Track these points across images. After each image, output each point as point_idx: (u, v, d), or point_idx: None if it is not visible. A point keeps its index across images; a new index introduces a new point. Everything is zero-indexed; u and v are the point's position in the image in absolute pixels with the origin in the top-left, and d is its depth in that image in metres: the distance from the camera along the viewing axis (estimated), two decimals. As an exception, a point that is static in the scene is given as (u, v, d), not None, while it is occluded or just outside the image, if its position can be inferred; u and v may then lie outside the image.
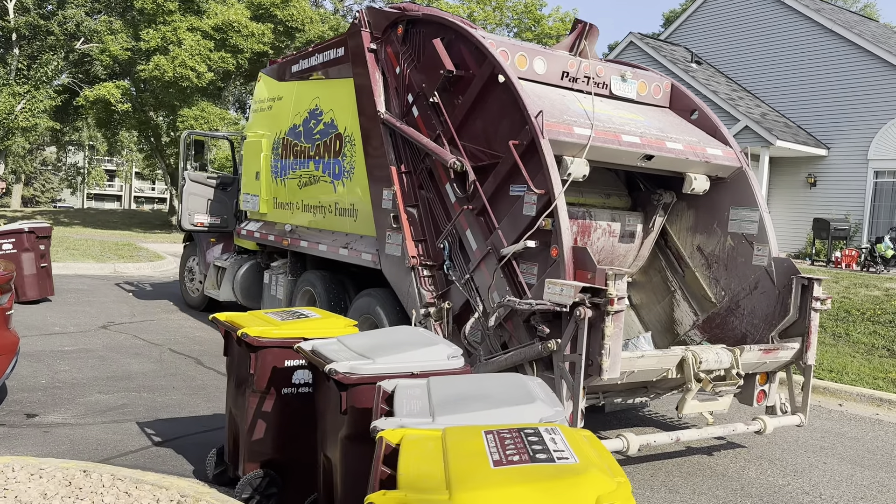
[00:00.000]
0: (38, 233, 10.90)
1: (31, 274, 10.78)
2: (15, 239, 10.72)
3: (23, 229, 10.80)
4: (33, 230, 10.84)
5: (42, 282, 10.99)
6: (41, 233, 11.02)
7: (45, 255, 11.07)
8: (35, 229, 10.93)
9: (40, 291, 10.96)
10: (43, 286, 11.03)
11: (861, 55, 18.42)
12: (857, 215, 18.37)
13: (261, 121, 9.67)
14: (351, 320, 4.50)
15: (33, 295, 10.82)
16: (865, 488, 5.39)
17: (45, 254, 11.08)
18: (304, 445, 4.18)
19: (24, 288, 10.62)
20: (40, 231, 11.04)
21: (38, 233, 10.90)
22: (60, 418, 5.72)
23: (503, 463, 2.08)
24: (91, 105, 25.43)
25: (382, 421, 2.61)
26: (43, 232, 11.10)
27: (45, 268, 11.06)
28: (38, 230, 11.00)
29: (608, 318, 4.53)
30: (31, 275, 10.77)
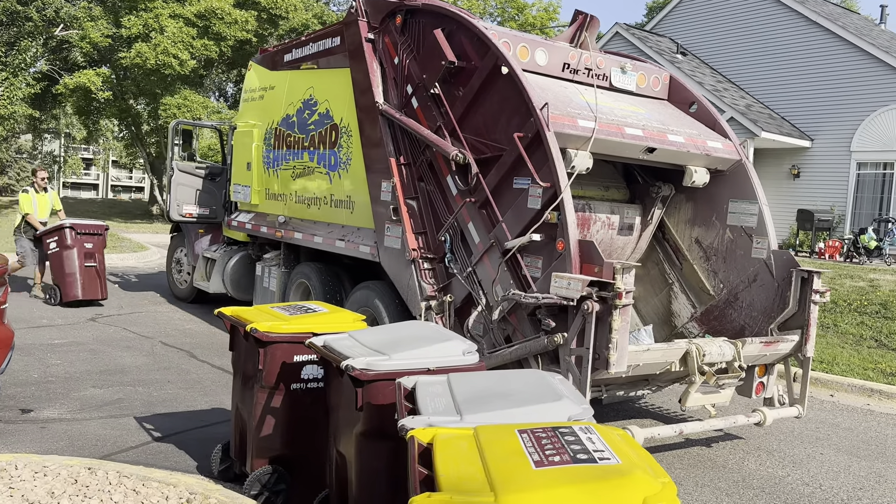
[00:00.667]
0: (78, 229, 10.22)
1: (72, 273, 10.08)
2: (58, 237, 10.13)
3: (63, 225, 10.18)
4: (74, 227, 10.20)
5: (90, 282, 10.25)
6: (83, 229, 10.33)
7: (94, 255, 10.34)
8: (77, 226, 10.27)
9: (86, 292, 10.20)
10: (91, 287, 10.27)
11: (845, 47, 18.58)
12: (840, 206, 18.58)
13: (252, 110, 9.54)
14: (359, 315, 4.46)
15: (75, 295, 10.10)
16: (863, 479, 5.46)
17: (94, 253, 10.35)
18: (313, 441, 4.14)
19: (65, 288, 10.06)
20: (82, 227, 10.35)
21: (78, 229, 10.22)
22: (56, 413, 5.63)
23: (544, 464, 2.06)
24: (71, 93, 25.01)
25: (410, 420, 2.58)
26: (87, 229, 10.40)
27: (93, 268, 10.31)
28: (80, 227, 10.32)
29: (616, 312, 4.53)
30: (71, 273, 10.07)
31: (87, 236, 10.34)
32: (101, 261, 10.45)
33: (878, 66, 17.96)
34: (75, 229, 10.20)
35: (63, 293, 10.07)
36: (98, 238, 10.51)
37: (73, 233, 10.16)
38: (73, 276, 10.13)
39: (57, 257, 10.16)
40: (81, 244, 10.25)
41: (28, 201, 10.54)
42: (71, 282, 10.11)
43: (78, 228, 10.26)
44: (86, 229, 10.40)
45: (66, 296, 10.04)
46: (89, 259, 10.30)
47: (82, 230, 10.31)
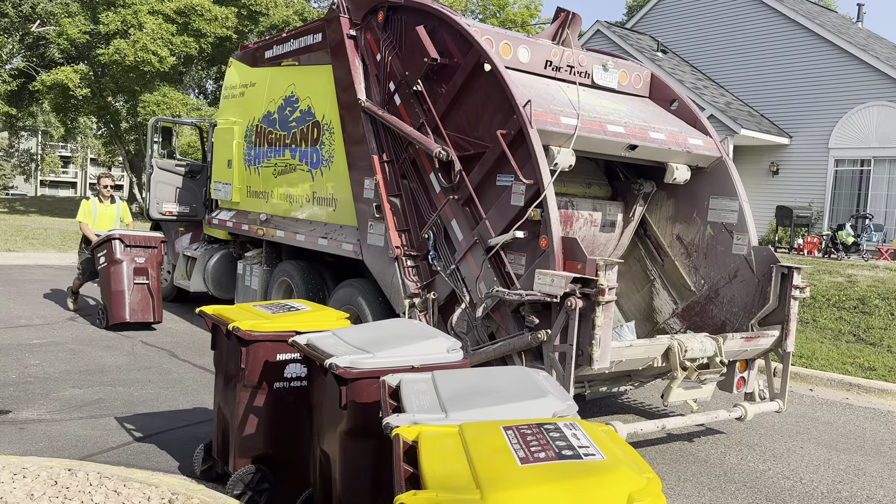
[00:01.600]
0: (128, 241, 8.83)
1: (119, 291, 8.70)
2: (106, 249, 8.83)
3: (111, 236, 8.82)
4: (124, 238, 8.83)
5: (140, 303, 8.85)
6: (134, 241, 8.90)
7: (146, 270, 8.93)
8: (127, 237, 8.87)
9: (136, 314, 8.81)
10: (142, 308, 8.87)
11: (823, 45, 18.79)
12: (818, 203, 18.80)
13: (232, 107, 9.47)
14: (342, 313, 4.44)
15: (122, 317, 8.73)
16: (843, 472, 5.53)
17: (146, 268, 8.94)
18: (296, 440, 4.12)
19: (113, 308, 8.71)
20: (133, 239, 8.90)
21: (128, 241, 8.83)
22: (35, 414, 5.55)
23: (530, 460, 2.06)
24: (48, 90, 24.68)
25: (395, 418, 2.57)
26: (139, 241, 8.93)
27: (145, 285, 8.91)
28: (130, 238, 8.90)
29: (599, 309, 4.55)
30: (119, 292, 8.70)
31: (138, 249, 8.91)
32: (155, 277, 9.04)
33: (856, 64, 18.19)
34: (124, 241, 8.83)
35: (110, 314, 8.74)
36: (151, 252, 9.03)
37: (121, 245, 8.78)
38: (121, 295, 8.74)
39: (104, 273, 8.88)
40: (132, 258, 8.86)
41: (87, 210, 9.39)
42: (119, 302, 8.74)
43: (128, 240, 8.86)
44: (137, 241, 8.93)
45: (113, 318, 8.71)
46: (140, 275, 8.88)
47: (133, 242, 8.89)
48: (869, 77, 17.97)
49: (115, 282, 8.76)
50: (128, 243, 8.84)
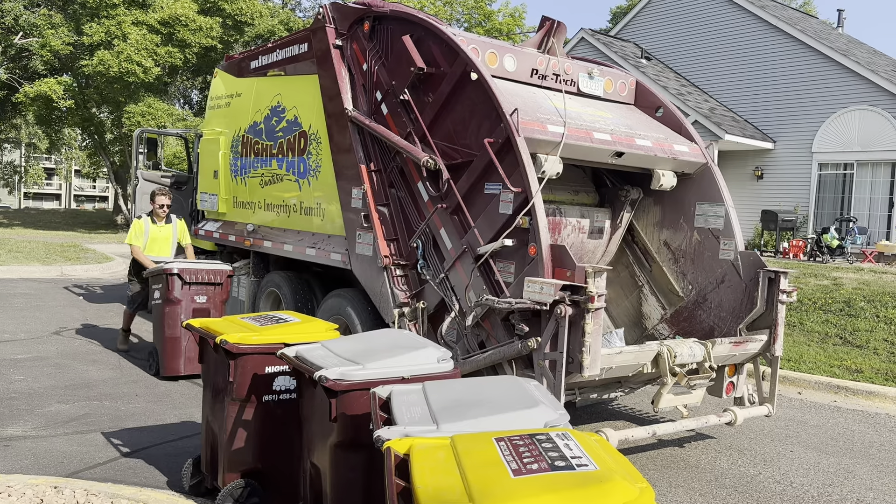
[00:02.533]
0: (188, 276, 7.25)
1: (175, 337, 7.16)
2: (161, 285, 7.30)
3: (169, 269, 7.22)
4: (183, 273, 7.23)
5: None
6: (195, 276, 7.31)
7: (209, 312, 7.32)
8: (186, 272, 7.26)
9: (193, 364, 7.07)
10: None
11: (804, 51, 18.98)
12: (802, 207, 18.95)
13: (218, 118, 9.44)
14: (332, 324, 4.42)
15: (176, 369, 7.19)
16: (832, 475, 5.55)
17: (209, 309, 7.37)
18: (286, 453, 4.09)
19: (166, 357, 7.20)
20: (193, 274, 7.30)
21: (188, 276, 7.25)
22: (20, 431, 5.48)
23: (522, 472, 2.05)
24: (31, 101, 24.50)
25: (385, 430, 2.55)
26: (200, 275, 7.33)
27: None
28: (190, 272, 7.29)
29: (588, 316, 4.54)
30: (174, 339, 7.16)
31: (200, 286, 7.35)
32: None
33: (837, 69, 18.38)
34: (183, 276, 7.21)
35: (162, 364, 7.22)
36: (216, 290, 7.43)
37: (179, 281, 7.20)
38: (176, 342, 7.18)
39: (158, 313, 7.40)
40: (191, 297, 7.35)
41: (138, 231, 8.17)
42: (173, 350, 7.19)
43: (188, 276, 7.25)
44: (199, 277, 7.31)
45: (166, 368, 7.20)
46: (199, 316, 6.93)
47: (194, 278, 7.29)
48: (850, 82, 18.16)
49: (169, 325, 7.20)
50: (188, 280, 7.23)
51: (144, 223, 8.24)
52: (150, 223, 8.27)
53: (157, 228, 8.26)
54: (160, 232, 8.27)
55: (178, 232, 8.48)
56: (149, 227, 8.24)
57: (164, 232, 8.31)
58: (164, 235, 8.30)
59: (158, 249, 8.21)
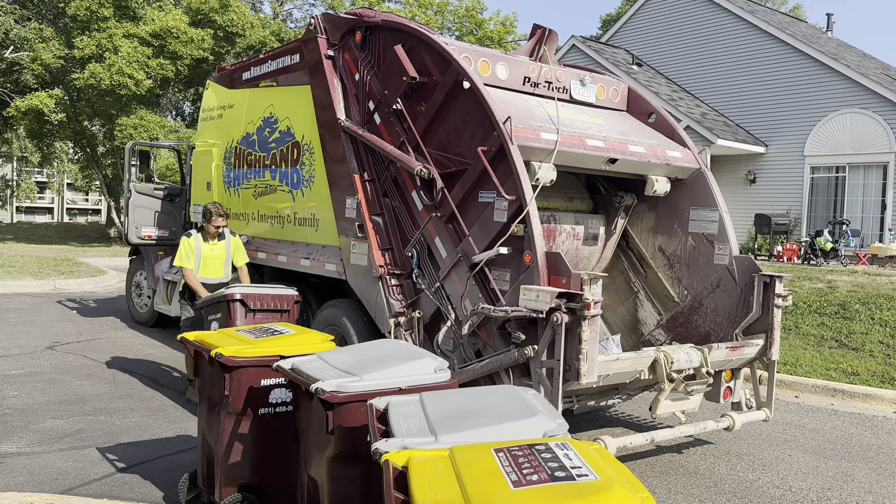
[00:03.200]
0: (252, 302, 6.17)
1: None
2: (221, 313, 6.27)
3: (231, 296, 6.10)
4: (247, 299, 6.15)
5: None
6: (260, 302, 6.21)
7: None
8: (250, 297, 6.17)
9: None
10: None
11: (795, 55, 19.08)
12: (795, 210, 19.01)
13: (210, 130, 9.41)
14: (327, 335, 4.40)
15: None
16: (831, 479, 5.54)
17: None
18: (283, 466, 4.06)
19: None
20: (259, 300, 6.21)
21: (252, 302, 6.17)
22: (14, 447, 5.43)
23: (522, 483, 2.03)
24: (22, 115, 24.42)
25: (383, 443, 2.53)
26: (266, 302, 6.24)
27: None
28: (255, 298, 6.20)
29: (585, 323, 4.53)
30: None
31: (265, 314, 6.29)
32: None
33: (827, 73, 18.48)
34: (247, 303, 6.17)
35: None
36: (282, 317, 6.39)
37: (242, 309, 6.16)
38: None
39: None
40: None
41: (188, 251, 7.11)
42: None
43: (252, 301, 6.20)
44: (265, 303, 6.26)
45: None
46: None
47: (259, 304, 6.25)
48: (841, 85, 18.26)
49: None
50: (252, 306, 6.19)
51: (195, 241, 7.16)
52: (202, 241, 7.18)
53: (209, 247, 7.20)
54: (213, 251, 7.22)
55: (232, 251, 7.38)
56: (200, 245, 7.16)
57: (216, 251, 7.25)
58: (217, 254, 7.25)
59: (212, 271, 7.22)
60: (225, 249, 7.29)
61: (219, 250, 7.24)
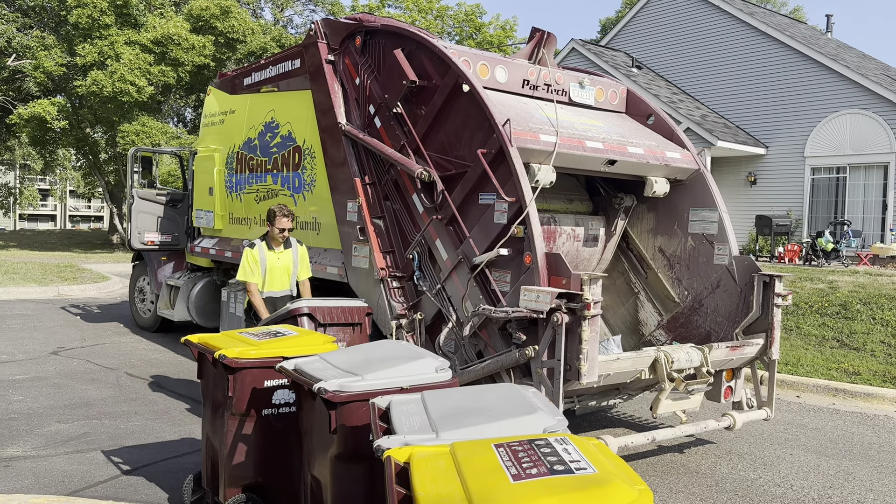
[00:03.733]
0: (321, 316, 5.57)
1: None
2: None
3: (298, 311, 5.53)
4: (315, 313, 5.55)
5: None
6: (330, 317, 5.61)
7: None
8: (319, 311, 5.58)
9: None
10: None
11: (794, 56, 19.12)
12: (796, 211, 19.04)
13: (212, 135, 9.47)
14: (329, 337, 4.43)
15: None
16: (832, 478, 5.56)
17: None
18: (287, 467, 4.09)
19: None
20: (328, 314, 5.60)
21: (321, 316, 5.57)
22: (20, 451, 5.47)
23: (522, 477, 2.07)
24: (25, 123, 24.52)
25: (386, 440, 2.57)
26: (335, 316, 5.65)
27: None
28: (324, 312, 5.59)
29: (585, 323, 4.57)
30: None
31: (336, 329, 5.77)
32: None
33: (827, 74, 18.52)
34: (316, 317, 5.62)
35: None
36: (355, 331, 5.83)
37: (312, 324, 5.63)
38: None
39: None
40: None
41: (252, 263, 6.29)
42: None
43: (321, 315, 5.63)
44: (334, 317, 5.71)
45: None
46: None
47: (329, 318, 5.67)
48: (840, 86, 18.30)
49: None
50: (322, 321, 5.66)
51: (259, 252, 6.32)
52: (266, 250, 6.37)
53: (274, 256, 6.38)
54: (278, 261, 6.40)
55: (299, 260, 6.58)
56: (265, 255, 6.34)
57: (283, 260, 6.43)
58: (283, 265, 6.43)
59: (278, 283, 6.42)
60: (292, 259, 6.50)
61: (285, 260, 6.46)
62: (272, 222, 6.34)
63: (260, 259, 6.32)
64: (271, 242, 6.40)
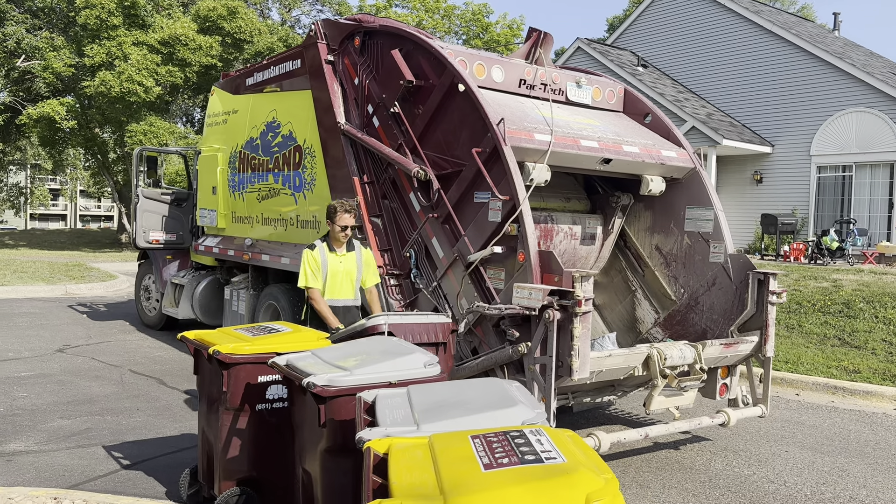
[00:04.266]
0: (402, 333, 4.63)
1: None
2: None
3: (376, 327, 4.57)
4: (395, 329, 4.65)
5: None
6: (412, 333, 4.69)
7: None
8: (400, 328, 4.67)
9: None
10: None
11: (800, 55, 19.07)
12: (802, 210, 18.98)
13: (216, 135, 9.57)
14: (323, 333, 4.50)
15: None
16: (826, 474, 5.58)
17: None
18: (280, 461, 4.16)
19: None
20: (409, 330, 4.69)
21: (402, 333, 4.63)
22: (23, 446, 5.57)
23: (493, 466, 2.12)
24: (34, 123, 24.76)
25: (367, 431, 2.63)
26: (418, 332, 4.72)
27: None
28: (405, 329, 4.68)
29: (576, 320, 4.61)
30: None
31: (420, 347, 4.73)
32: None
33: (833, 72, 18.46)
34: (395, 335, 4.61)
35: None
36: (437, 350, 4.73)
37: None
38: None
39: None
40: None
41: (313, 266, 5.54)
42: None
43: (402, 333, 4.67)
44: (415, 332, 4.75)
45: None
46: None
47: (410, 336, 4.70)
48: (846, 84, 18.24)
49: None
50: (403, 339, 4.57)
51: (320, 254, 5.56)
52: (327, 252, 5.60)
53: (336, 260, 5.61)
54: (341, 264, 5.62)
55: (364, 264, 5.76)
56: (326, 258, 5.58)
57: (346, 264, 5.64)
58: (346, 269, 5.64)
59: (340, 290, 5.64)
60: (355, 263, 5.69)
61: (348, 264, 5.65)
62: (332, 219, 5.58)
63: (321, 262, 5.55)
64: (332, 243, 5.62)
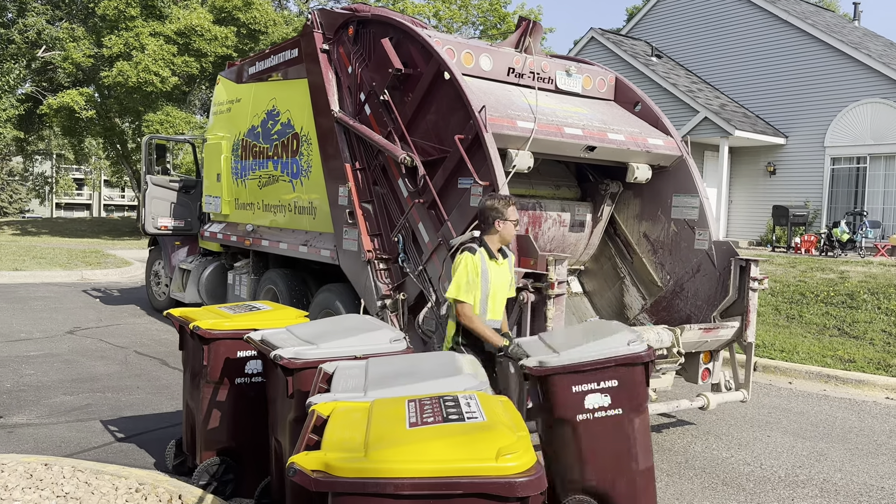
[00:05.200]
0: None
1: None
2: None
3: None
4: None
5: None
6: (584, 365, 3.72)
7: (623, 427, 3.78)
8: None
9: None
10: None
11: (816, 45, 18.90)
12: (815, 202, 18.85)
13: (220, 123, 9.78)
14: (302, 312, 4.67)
15: None
16: (804, 458, 5.67)
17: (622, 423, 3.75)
18: (258, 432, 4.34)
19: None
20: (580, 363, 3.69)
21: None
22: (25, 419, 5.81)
23: (418, 424, 2.27)
24: (55, 113, 25.23)
25: (318, 397, 2.79)
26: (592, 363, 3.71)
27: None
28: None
29: (550, 302, 4.74)
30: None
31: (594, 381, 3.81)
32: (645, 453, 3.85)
33: (849, 63, 18.28)
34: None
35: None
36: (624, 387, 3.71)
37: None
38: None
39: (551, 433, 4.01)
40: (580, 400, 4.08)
41: (472, 275, 4.31)
42: None
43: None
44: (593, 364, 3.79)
45: None
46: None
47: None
48: (862, 75, 18.06)
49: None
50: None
51: (481, 260, 4.34)
52: (488, 259, 4.39)
53: (497, 270, 4.45)
54: (500, 275, 4.47)
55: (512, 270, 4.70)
56: (487, 267, 4.37)
57: (503, 275, 4.50)
58: (503, 280, 4.51)
59: (498, 307, 4.51)
60: (509, 272, 4.59)
61: (505, 274, 4.54)
62: (503, 215, 4.40)
63: (482, 271, 4.33)
64: (492, 248, 4.42)
